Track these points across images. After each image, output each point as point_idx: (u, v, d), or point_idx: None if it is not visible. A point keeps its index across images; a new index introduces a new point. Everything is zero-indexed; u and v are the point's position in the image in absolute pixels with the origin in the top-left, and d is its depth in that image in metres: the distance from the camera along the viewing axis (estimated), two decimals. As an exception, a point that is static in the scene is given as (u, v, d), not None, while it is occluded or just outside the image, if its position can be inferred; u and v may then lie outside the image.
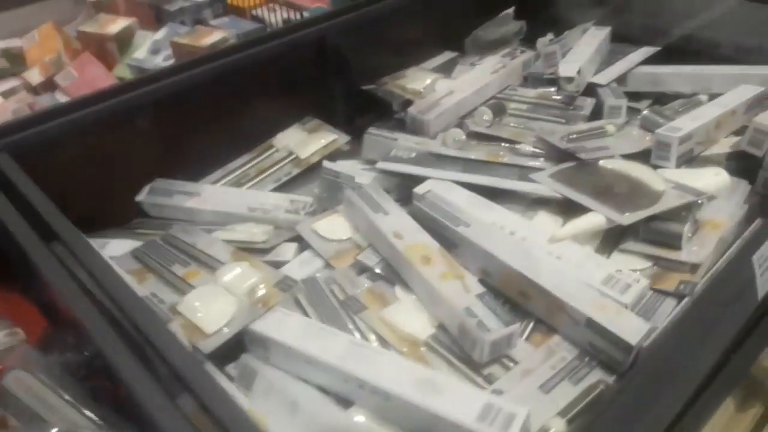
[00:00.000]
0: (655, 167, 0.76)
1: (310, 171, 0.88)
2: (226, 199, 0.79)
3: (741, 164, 0.78)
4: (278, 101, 0.93)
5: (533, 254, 0.63)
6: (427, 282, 0.60)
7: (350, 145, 0.90)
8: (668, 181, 0.70)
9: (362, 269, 0.67)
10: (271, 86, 0.91)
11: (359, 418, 0.51)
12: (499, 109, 0.87)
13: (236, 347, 0.58)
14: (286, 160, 0.88)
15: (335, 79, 0.98)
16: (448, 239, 0.67)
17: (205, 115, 0.85)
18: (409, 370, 0.51)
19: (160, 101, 0.80)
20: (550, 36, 1.05)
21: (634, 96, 0.96)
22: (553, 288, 0.59)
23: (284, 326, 0.56)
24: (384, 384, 0.50)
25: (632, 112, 0.90)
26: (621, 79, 0.97)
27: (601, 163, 0.76)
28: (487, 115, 0.85)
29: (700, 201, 0.69)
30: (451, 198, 0.71)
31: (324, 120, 0.95)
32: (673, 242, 0.65)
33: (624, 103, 0.89)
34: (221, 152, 0.89)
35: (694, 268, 0.64)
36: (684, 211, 0.67)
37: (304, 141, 0.90)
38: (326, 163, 0.81)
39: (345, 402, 0.53)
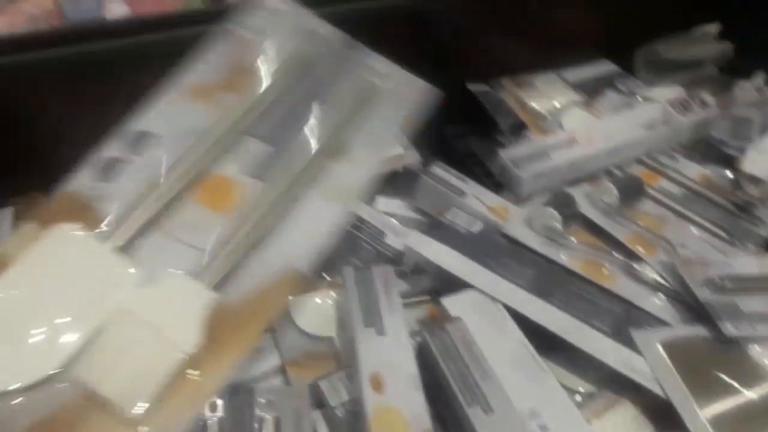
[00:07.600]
0: None
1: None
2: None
3: None
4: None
5: None
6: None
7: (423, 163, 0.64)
8: None
9: (320, 402, 0.45)
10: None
11: None
12: (632, 190, 0.58)
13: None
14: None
15: (430, 65, 0.71)
16: (453, 417, 0.42)
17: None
18: None
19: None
20: (763, 78, 0.71)
21: None
22: None
23: None
24: None
25: None
26: None
27: (754, 352, 0.46)
28: (609, 195, 0.56)
29: None
30: (489, 340, 0.45)
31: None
32: None
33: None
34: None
35: None
36: None
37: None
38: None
39: None
